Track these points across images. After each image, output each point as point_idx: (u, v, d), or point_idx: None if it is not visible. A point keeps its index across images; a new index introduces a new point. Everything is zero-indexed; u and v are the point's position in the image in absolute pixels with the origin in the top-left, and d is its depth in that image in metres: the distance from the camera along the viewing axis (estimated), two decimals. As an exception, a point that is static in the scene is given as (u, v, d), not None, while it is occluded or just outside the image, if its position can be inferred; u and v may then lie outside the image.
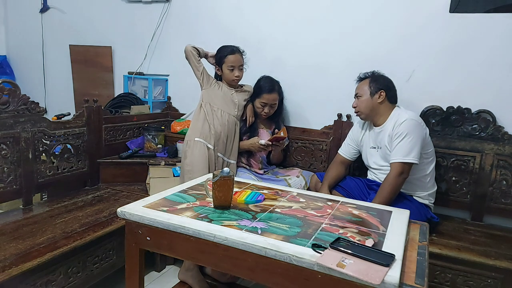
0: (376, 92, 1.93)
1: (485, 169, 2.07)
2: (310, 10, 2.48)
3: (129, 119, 2.77)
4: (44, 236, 1.68)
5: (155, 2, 3.02)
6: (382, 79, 1.96)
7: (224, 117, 2.20)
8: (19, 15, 3.78)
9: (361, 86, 1.99)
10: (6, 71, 3.79)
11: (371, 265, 0.96)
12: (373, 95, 1.93)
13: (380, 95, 1.92)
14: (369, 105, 1.94)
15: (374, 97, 1.93)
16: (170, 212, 1.26)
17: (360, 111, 1.98)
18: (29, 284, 1.48)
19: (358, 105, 1.98)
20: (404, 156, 1.79)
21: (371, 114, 1.97)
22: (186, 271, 1.92)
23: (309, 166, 2.50)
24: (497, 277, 1.66)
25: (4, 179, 1.92)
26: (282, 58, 2.59)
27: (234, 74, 2.19)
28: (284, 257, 1.02)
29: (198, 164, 2.11)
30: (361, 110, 1.98)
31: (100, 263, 1.83)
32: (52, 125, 2.16)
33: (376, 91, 1.93)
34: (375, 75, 2.00)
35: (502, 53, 2.03)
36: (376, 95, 1.92)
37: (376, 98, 1.93)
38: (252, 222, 1.21)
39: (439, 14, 2.14)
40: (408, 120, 1.82)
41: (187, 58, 2.19)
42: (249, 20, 2.68)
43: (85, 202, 2.16)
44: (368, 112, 1.96)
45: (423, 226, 1.37)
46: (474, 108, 2.09)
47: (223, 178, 1.28)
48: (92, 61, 3.39)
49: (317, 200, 1.50)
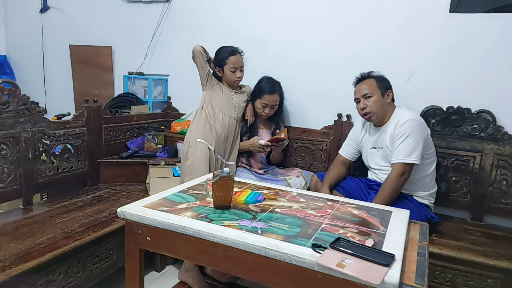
0: (385, 92, 1.91)
1: (485, 169, 2.06)
2: (310, 10, 2.48)
3: (129, 119, 2.77)
4: (44, 236, 1.68)
5: (155, 2, 3.02)
6: (386, 79, 1.95)
7: (225, 120, 2.20)
8: (19, 15, 3.78)
9: (369, 86, 1.91)
10: (6, 71, 3.79)
11: (371, 265, 0.96)
12: (383, 95, 1.90)
13: (388, 95, 1.91)
14: (382, 105, 1.89)
15: (384, 97, 1.90)
16: (170, 212, 1.26)
17: (373, 112, 1.88)
18: (29, 284, 1.48)
19: (369, 106, 1.88)
20: (406, 156, 1.78)
21: (382, 114, 1.91)
22: (186, 271, 1.92)
23: (309, 166, 2.50)
24: (497, 277, 1.66)
25: (4, 179, 1.92)
26: (282, 58, 2.59)
27: (236, 75, 2.20)
28: (284, 257, 1.02)
29: (200, 165, 2.10)
30: (374, 110, 1.88)
31: (100, 263, 1.83)
32: (52, 125, 2.16)
33: (385, 91, 1.91)
34: (378, 75, 1.97)
35: (502, 53, 2.03)
36: (385, 94, 1.91)
37: (386, 98, 1.91)
38: (252, 222, 1.21)
39: (439, 14, 2.14)
40: (410, 120, 1.82)
41: (194, 58, 2.17)
42: (249, 20, 2.68)
43: (85, 202, 2.16)
44: (380, 113, 1.90)
45: (423, 226, 1.37)
46: (474, 108, 2.09)
47: (223, 178, 1.28)
48: (92, 61, 3.39)
49: (317, 200, 1.50)
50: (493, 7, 2.02)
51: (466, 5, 2.07)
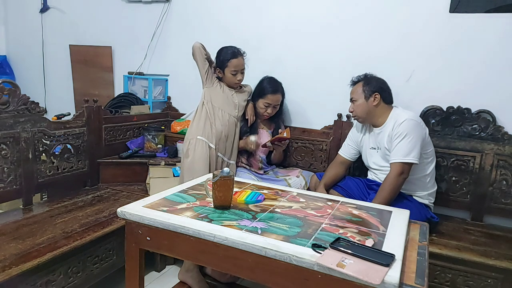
0: (370, 95, 1.92)
1: (485, 169, 2.07)
2: (310, 9, 2.48)
3: (129, 119, 2.77)
4: (44, 236, 1.68)
5: (155, 2, 3.02)
6: (375, 82, 1.95)
7: (224, 117, 2.20)
8: (19, 15, 3.78)
9: (355, 90, 1.98)
10: (6, 71, 3.79)
11: (371, 265, 0.96)
12: (368, 99, 1.92)
13: (375, 98, 1.92)
14: (365, 109, 1.94)
15: (369, 101, 1.92)
16: (170, 212, 1.26)
17: (357, 116, 1.98)
18: (29, 284, 1.48)
19: (354, 110, 1.98)
20: (404, 156, 1.79)
21: (368, 117, 1.96)
22: (186, 272, 1.92)
23: (309, 166, 2.50)
24: (497, 277, 1.66)
25: (4, 179, 1.92)
26: (282, 58, 2.59)
27: (237, 78, 2.21)
28: (284, 257, 1.02)
29: (200, 163, 2.11)
30: (358, 114, 1.97)
31: (100, 263, 1.83)
32: (52, 125, 2.16)
33: (370, 94, 1.92)
34: (368, 77, 1.98)
35: (502, 53, 2.03)
36: (371, 98, 1.92)
37: (372, 101, 1.92)
38: (252, 222, 1.21)
39: (439, 14, 2.14)
40: (408, 120, 1.82)
41: (193, 55, 2.18)
42: (249, 19, 2.68)
43: (85, 202, 2.16)
44: (365, 116, 1.96)
45: (423, 226, 1.37)
46: (474, 108, 2.09)
47: (223, 178, 1.28)
48: (92, 61, 3.39)
49: (317, 200, 1.50)
50: (493, 7, 2.02)
51: (466, 5, 2.07)
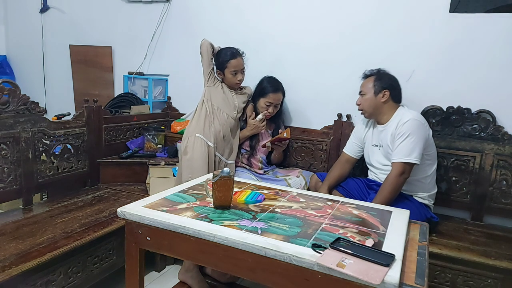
0: (380, 91, 1.91)
1: (485, 169, 2.06)
2: (310, 9, 2.47)
3: (129, 119, 2.77)
4: (44, 236, 1.68)
5: (155, 2, 3.02)
6: (387, 78, 1.94)
7: (223, 118, 2.21)
8: (19, 15, 3.77)
9: (365, 84, 1.97)
10: (6, 71, 3.79)
11: (371, 265, 0.96)
12: (377, 94, 1.91)
13: (384, 94, 1.90)
14: (373, 104, 1.93)
15: (378, 96, 1.91)
16: (170, 212, 1.26)
17: (364, 109, 1.97)
18: (29, 284, 1.48)
19: (361, 103, 1.96)
20: (406, 156, 1.78)
21: (374, 112, 1.95)
22: (186, 272, 1.92)
23: (309, 166, 2.50)
24: (497, 277, 1.66)
25: (4, 179, 1.92)
26: (282, 58, 2.59)
27: (237, 78, 2.22)
28: (284, 257, 1.02)
29: (198, 160, 2.11)
30: (365, 108, 1.96)
31: (100, 263, 1.83)
32: (52, 125, 2.16)
33: (380, 90, 1.91)
34: (381, 73, 1.97)
35: (502, 53, 2.03)
36: (380, 94, 1.91)
37: (380, 97, 1.91)
38: (252, 222, 1.21)
39: (439, 14, 2.14)
40: (412, 120, 1.81)
41: (201, 52, 2.19)
42: (249, 20, 2.68)
43: (85, 202, 2.16)
44: (371, 111, 1.95)
45: (423, 226, 1.37)
46: (474, 108, 2.09)
47: (223, 178, 1.28)
48: (92, 61, 3.39)
49: (317, 200, 1.50)
50: (493, 7, 2.02)
51: (466, 5, 2.07)
